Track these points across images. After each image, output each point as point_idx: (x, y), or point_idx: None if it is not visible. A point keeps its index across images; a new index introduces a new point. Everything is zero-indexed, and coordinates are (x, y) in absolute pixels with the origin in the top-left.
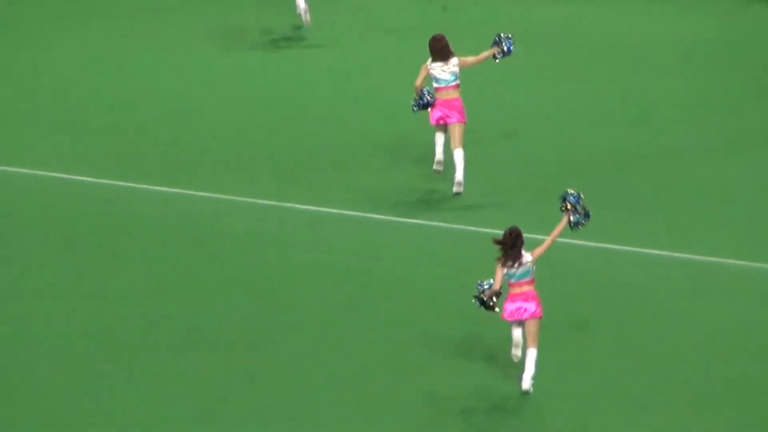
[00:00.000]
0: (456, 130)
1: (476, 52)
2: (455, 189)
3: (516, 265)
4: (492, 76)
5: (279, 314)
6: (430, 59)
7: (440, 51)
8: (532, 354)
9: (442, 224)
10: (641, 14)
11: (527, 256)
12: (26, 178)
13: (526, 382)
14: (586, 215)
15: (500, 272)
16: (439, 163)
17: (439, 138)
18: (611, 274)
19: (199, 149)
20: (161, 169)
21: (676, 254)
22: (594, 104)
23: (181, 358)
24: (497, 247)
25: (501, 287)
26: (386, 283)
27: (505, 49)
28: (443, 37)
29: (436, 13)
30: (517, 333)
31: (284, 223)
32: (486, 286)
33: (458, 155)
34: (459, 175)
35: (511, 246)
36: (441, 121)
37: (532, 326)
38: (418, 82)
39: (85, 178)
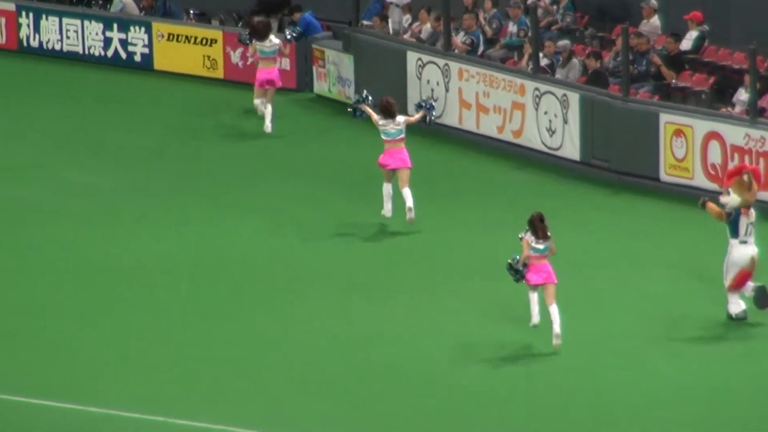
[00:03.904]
0: (403, 174)
1: None
2: (408, 215)
3: (542, 241)
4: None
5: None
6: (380, 117)
7: (386, 110)
8: (554, 309)
9: None
10: None
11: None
12: None
13: (557, 336)
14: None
15: (527, 247)
16: (389, 210)
17: (387, 188)
18: None
19: (457, 417)
20: None
21: None
22: None
23: None
24: (528, 227)
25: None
26: None
27: (430, 112)
28: (389, 98)
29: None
30: (534, 297)
31: None
32: (517, 258)
33: (407, 192)
34: (409, 202)
35: (541, 228)
36: (390, 167)
37: (550, 289)
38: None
39: None
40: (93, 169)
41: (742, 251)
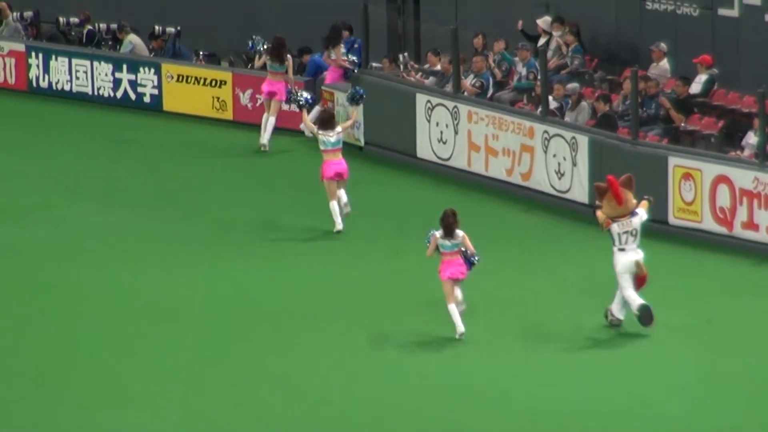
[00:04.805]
0: (340, 184)
1: None
2: (345, 210)
3: (449, 238)
4: None
5: None
6: (319, 128)
7: (326, 121)
8: (454, 307)
9: None
10: None
11: (459, 234)
12: None
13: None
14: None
15: (434, 242)
16: (340, 224)
17: (333, 205)
18: None
19: None
20: None
21: None
22: None
23: None
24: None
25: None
26: None
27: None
28: (330, 109)
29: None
30: (456, 291)
31: None
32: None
33: (342, 193)
34: (344, 198)
35: (448, 224)
36: (336, 177)
37: (456, 285)
38: (309, 126)
39: None
40: (101, 209)
41: (622, 258)
